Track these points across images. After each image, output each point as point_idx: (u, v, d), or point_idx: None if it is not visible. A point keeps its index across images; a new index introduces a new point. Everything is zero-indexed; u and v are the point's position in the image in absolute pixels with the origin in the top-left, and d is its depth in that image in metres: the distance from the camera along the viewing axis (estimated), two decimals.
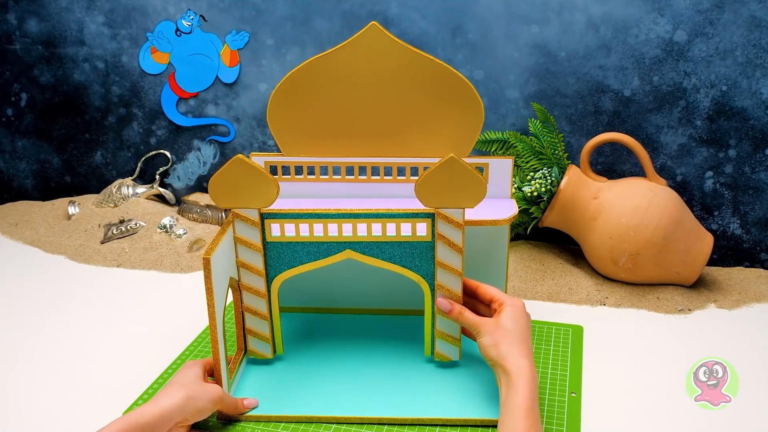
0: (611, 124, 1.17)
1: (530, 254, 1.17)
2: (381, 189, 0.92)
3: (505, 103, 1.21)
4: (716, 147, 1.14)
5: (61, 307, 1.02)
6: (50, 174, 1.48)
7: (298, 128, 0.89)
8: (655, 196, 1.03)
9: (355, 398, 0.76)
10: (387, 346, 0.87)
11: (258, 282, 0.78)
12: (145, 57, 1.34)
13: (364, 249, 0.77)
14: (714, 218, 1.17)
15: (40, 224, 1.33)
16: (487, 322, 0.73)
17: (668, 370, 0.83)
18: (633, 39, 1.12)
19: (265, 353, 0.82)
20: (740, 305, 1.01)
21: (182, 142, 1.38)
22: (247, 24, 1.28)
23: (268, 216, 0.76)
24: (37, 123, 1.44)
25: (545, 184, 1.10)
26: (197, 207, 1.32)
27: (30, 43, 1.38)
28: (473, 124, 0.87)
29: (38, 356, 0.88)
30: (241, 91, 1.32)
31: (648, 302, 1.02)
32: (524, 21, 1.16)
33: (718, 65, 1.10)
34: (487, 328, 0.72)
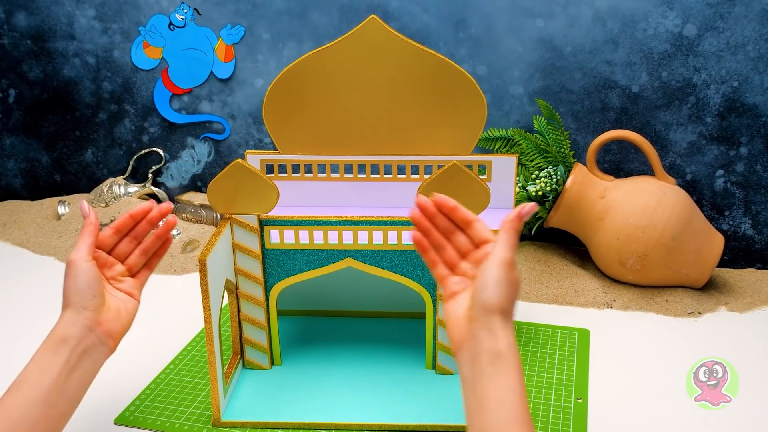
0: (619, 121, 1.17)
1: (535, 255, 1.17)
2: (381, 188, 0.92)
3: (509, 99, 1.21)
4: (727, 145, 1.14)
5: (50, 310, 1.02)
6: (39, 173, 1.48)
7: (295, 125, 0.89)
8: (663, 196, 1.03)
9: (353, 404, 0.76)
10: (386, 350, 0.87)
11: (256, 290, 0.78)
12: (137, 52, 1.34)
13: (364, 257, 0.77)
14: (725, 218, 1.18)
15: (29, 224, 1.33)
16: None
17: (677, 375, 0.83)
18: (641, 33, 1.12)
19: (263, 364, 0.82)
20: (752, 308, 1.01)
21: (176, 139, 1.39)
22: (243, 18, 1.28)
23: (268, 222, 0.76)
24: (26, 120, 1.44)
25: (550, 183, 1.10)
26: (191, 207, 1.32)
27: (18, 38, 1.38)
28: (476, 121, 0.87)
29: (27, 360, 0.88)
30: (236, 87, 1.32)
31: (656, 305, 1.02)
32: (529, 15, 1.16)
33: (729, 60, 1.10)
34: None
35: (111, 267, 0.70)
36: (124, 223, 0.70)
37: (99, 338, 0.64)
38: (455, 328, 0.59)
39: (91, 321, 0.64)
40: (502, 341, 0.55)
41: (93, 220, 0.68)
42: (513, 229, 0.59)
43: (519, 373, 0.55)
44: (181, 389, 0.80)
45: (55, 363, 0.61)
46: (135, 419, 0.74)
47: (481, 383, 0.55)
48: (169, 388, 0.81)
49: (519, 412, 0.53)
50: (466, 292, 0.61)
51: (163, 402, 0.78)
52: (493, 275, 0.56)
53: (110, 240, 0.70)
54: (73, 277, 0.65)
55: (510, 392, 0.54)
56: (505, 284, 0.56)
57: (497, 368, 0.54)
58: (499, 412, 0.53)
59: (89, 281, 0.64)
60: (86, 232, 0.67)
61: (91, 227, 0.67)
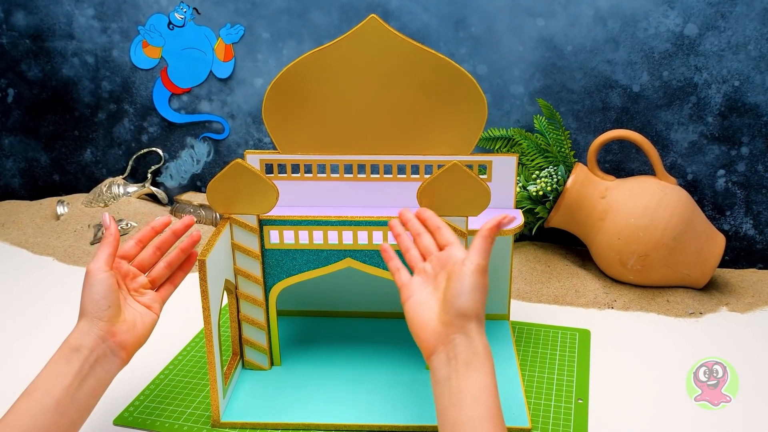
0: (619, 120, 1.17)
1: (535, 256, 1.17)
2: (380, 188, 0.92)
3: (509, 99, 1.21)
4: (728, 144, 1.14)
5: (49, 310, 1.02)
6: (38, 172, 1.48)
7: (294, 125, 0.89)
8: (665, 196, 1.03)
9: (354, 405, 0.76)
10: (386, 351, 0.87)
11: (256, 290, 0.78)
12: (136, 51, 1.34)
13: (364, 257, 0.78)
14: (726, 218, 1.18)
15: (28, 224, 1.33)
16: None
17: (678, 376, 0.83)
18: (642, 33, 1.12)
19: (263, 365, 0.82)
20: (753, 308, 1.02)
21: (175, 139, 1.39)
22: (242, 17, 1.28)
23: (267, 222, 0.76)
24: (25, 119, 1.44)
25: (551, 183, 1.10)
26: (190, 206, 1.32)
27: (17, 37, 1.38)
28: (476, 120, 0.87)
29: (26, 361, 0.88)
30: (235, 86, 1.32)
31: (657, 305, 1.02)
32: (529, 14, 1.16)
33: (731, 60, 1.10)
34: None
35: (133, 278, 0.71)
36: (146, 235, 0.73)
37: (111, 349, 0.65)
38: (426, 331, 0.61)
39: (104, 331, 0.64)
40: (479, 344, 0.59)
41: (113, 232, 0.69)
42: (490, 237, 0.62)
43: (492, 373, 0.58)
44: (181, 390, 0.80)
45: (67, 371, 0.62)
46: (134, 420, 0.74)
47: (457, 382, 0.57)
48: (169, 389, 0.81)
49: (492, 409, 0.56)
50: (426, 292, 0.64)
51: (163, 403, 0.78)
52: (468, 282, 0.60)
53: (133, 250, 0.72)
54: (89, 286, 0.65)
55: (484, 390, 0.57)
56: (479, 291, 0.60)
57: (472, 368, 0.58)
58: (474, 408, 0.56)
59: (105, 291, 0.65)
60: (106, 243, 0.68)
61: (111, 238, 0.69)
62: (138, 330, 0.67)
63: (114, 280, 0.66)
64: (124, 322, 0.66)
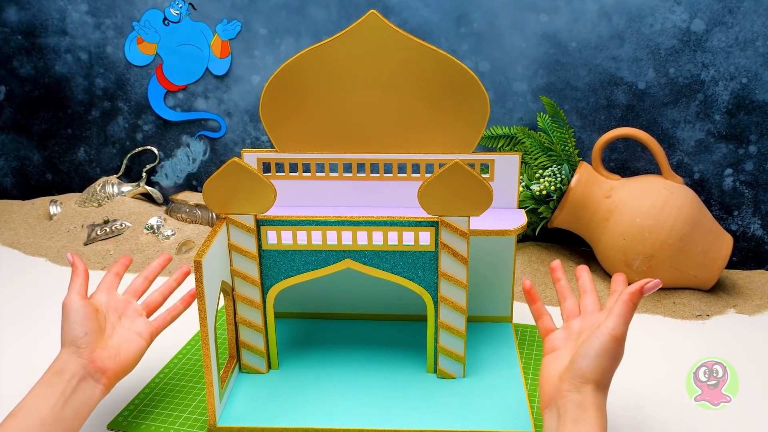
0: (625, 118, 1.17)
1: (539, 256, 1.17)
2: (380, 187, 0.92)
3: (512, 96, 1.21)
4: (736, 143, 1.14)
5: (42, 312, 1.02)
6: (30, 171, 1.48)
7: (292, 123, 0.89)
8: (671, 195, 1.03)
9: (352, 409, 0.76)
10: (386, 354, 0.87)
11: (253, 292, 0.78)
12: (130, 47, 1.34)
13: (364, 258, 0.77)
14: (734, 218, 1.18)
15: (20, 224, 1.33)
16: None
17: (685, 379, 0.83)
18: (648, 28, 1.12)
19: (260, 368, 0.82)
20: (761, 310, 1.02)
21: (170, 137, 1.39)
22: (239, 12, 1.28)
23: (265, 222, 0.76)
24: (17, 117, 1.44)
25: (555, 182, 1.10)
26: (186, 206, 1.32)
27: (9, 33, 1.38)
28: (478, 118, 0.87)
29: (19, 364, 0.88)
30: (232, 83, 1.32)
31: (664, 307, 1.02)
32: (532, 9, 1.16)
33: (738, 56, 1.10)
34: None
35: (126, 305, 0.76)
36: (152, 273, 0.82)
37: (91, 374, 0.68)
38: (548, 384, 0.64)
39: (84, 357, 0.68)
40: (590, 405, 0.60)
41: (79, 265, 0.75)
42: (632, 302, 0.63)
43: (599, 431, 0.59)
44: (176, 394, 0.80)
45: (50, 394, 0.65)
46: (128, 424, 0.74)
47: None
48: (164, 393, 0.81)
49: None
50: (565, 350, 0.66)
51: (158, 407, 0.78)
52: (597, 346, 0.61)
53: (142, 287, 0.80)
54: (65, 316, 0.70)
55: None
56: (606, 357, 0.61)
57: (580, 425, 0.59)
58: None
59: (80, 319, 0.69)
60: (75, 275, 0.74)
61: (80, 269, 0.74)
62: (121, 357, 0.71)
63: (90, 308, 0.70)
64: (105, 349, 0.70)
